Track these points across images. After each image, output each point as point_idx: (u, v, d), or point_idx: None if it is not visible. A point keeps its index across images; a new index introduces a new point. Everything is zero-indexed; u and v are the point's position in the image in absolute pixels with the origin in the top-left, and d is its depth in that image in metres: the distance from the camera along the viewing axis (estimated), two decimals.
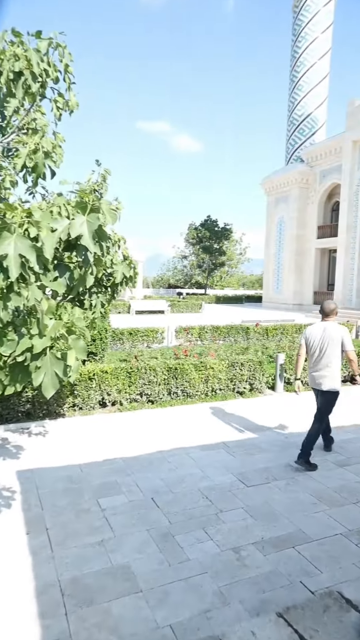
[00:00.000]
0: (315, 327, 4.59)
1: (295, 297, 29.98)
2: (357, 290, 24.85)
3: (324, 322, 4.58)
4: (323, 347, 4.41)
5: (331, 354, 4.38)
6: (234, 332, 12.91)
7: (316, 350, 4.46)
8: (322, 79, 29.51)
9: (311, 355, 4.53)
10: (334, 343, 4.38)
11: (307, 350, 4.56)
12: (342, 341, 4.39)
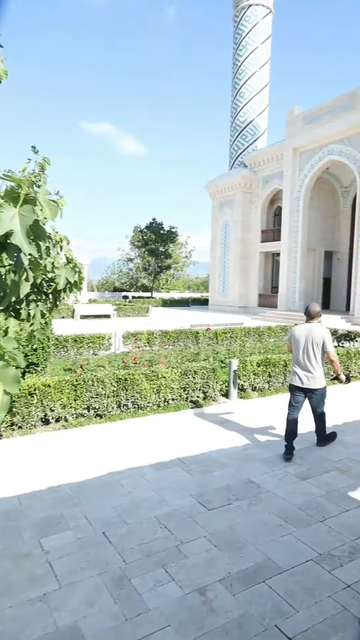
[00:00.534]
0: (300, 327, 4.86)
1: (241, 300, 30.44)
2: (300, 292, 25.63)
3: (308, 324, 4.82)
4: (307, 347, 4.68)
5: (314, 354, 4.66)
6: (184, 336, 12.67)
7: (300, 350, 4.72)
8: (263, 87, 30.30)
9: (295, 355, 4.80)
10: (316, 344, 4.65)
11: (291, 348, 4.90)
12: (323, 343, 4.65)
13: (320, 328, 4.74)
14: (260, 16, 29.68)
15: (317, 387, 4.71)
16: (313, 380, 4.68)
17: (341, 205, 28.02)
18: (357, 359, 8.67)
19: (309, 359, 4.66)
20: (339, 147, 22.60)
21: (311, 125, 23.77)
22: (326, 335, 4.68)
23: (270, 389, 7.61)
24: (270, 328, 14.15)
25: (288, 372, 7.71)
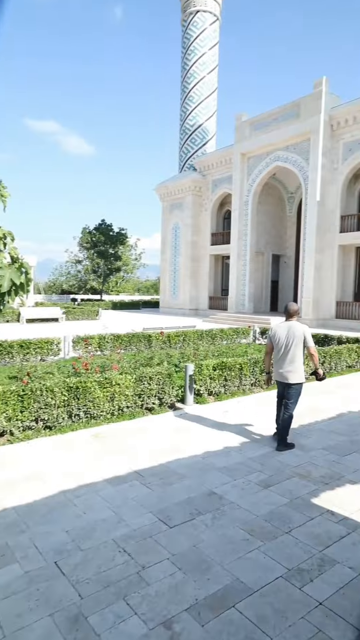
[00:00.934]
0: (280, 326, 5.13)
1: (192, 302, 30.53)
2: (249, 295, 26.09)
3: (288, 322, 5.11)
4: (288, 344, 4.96)
5: (295, 350, 4.95)
6: (136, 340, 12.37)
7: (282, 347, 5.01)
8: (212, 92, 30.65)
9: (277, 352, 5.08)
10: (297, 340, 4.94)
11: (273, 347, 5.13)
12: (304, 338, 4.95)
13: (300, 325, 5.04)
14: (208, 22, 30.03)
15: (297, 381, 4.98)
16: (293, 375, 4.97)
17: (287, 211, 28.91)
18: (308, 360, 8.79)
19: (291, 355, 4.95)
20: (285, 153, 23.28)
21: (259, 131, 24.32)
22: (306, 331, 5.00)
23: (227, 392, 7.52)
24: (223, 330, 14.20)
25: (244, 376, 7.67)
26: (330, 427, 5.88)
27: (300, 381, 5.01)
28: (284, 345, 4.99)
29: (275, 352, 5.12)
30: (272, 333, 5.16)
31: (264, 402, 7.16)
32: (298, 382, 4.99)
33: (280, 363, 5.05)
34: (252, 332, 14.91)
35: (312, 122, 21.33)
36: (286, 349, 4.97)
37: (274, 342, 5.11)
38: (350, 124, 20.73)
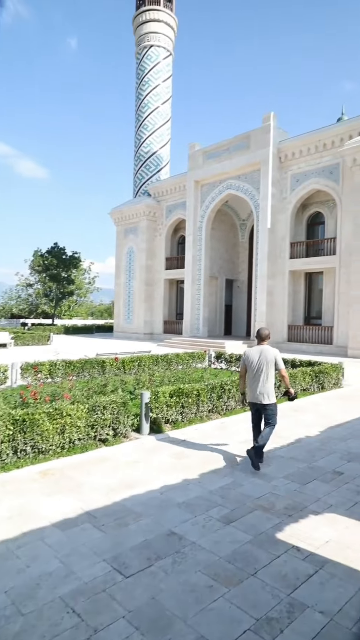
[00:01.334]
0: (253, 349, 5.44)
1: (146, 327, 30.28)
2: (204, 319, 26.25)
3: (260, 346, 5.42)
4: (261, 366, 5.25)
5: (267, 372, 5.25)
6: (89, 366, 11.92)
7: (255, 370, 5.28)
8: (165, 122, 31.42)
9: (251, 374, 5.35)
10: (269, 363, 5.24)
11: (246, 369, 5.41)
12: (275, 361, 5.25)
13: (272, 349, 5.36)
14: (161, 57, 31.04)
15: (271, 402, 5.28)
16: (266, 396, 5.25)
17: (240, 237, 29.72)
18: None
19: (263, 377, 5.24)
20: (236, 182, 24.07)
21: (211, 160, 25.05)
22: (277, 355, 5.32)
23: (184, 420, 7.28)
24: (178, 355, 14.02)
25: (201, 402, 7.48)
26: (290, 453, 5.77)
27: (274, 401, 5.33)
28: (256, 367, 5.27)
29: (249, 374, 5.38)
30: (245, 356, 5.45)
31: (222, 428, 6.99)
32: (272, 402, 5.30)
33: (254, 385, 5.31)
34: (208, 356, 14.85)
35: (262, 154, 22.28)
36: (259, 371, 5.26)
37: (247, 365, 5.39)
38: (297, 157, 21.83)
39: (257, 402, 5.30)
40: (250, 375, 5.36)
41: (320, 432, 6.79)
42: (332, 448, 5.96)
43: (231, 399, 8.08)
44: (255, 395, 5.29)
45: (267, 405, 5.27)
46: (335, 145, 20.36)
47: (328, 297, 21.90)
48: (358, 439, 6.44)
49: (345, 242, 20.13)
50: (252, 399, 5.36)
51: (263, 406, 5.29)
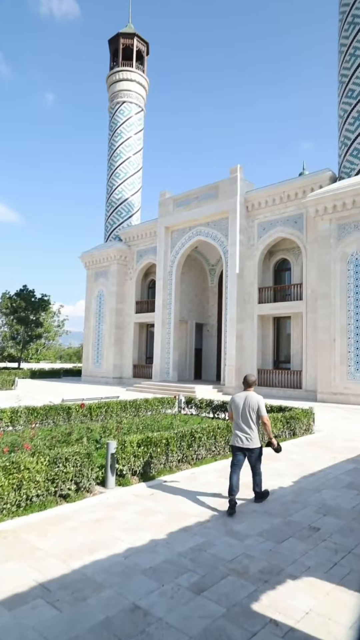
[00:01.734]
0: (239, 395, 5.69)
1: (115, 371, 29.68)
2: (174, 363, 26.00)
3: (246, 392, 5.66)
4: (245, 412, 5.48)
5: (251, 418, 5.46)
6: (54, 413, 11.34)
7: (240, 414, 5.51)
8: (137, 171, 32.46)
9: (236, 418, 5.57)
10: (253, 409, 5.46)
11: (233, 414, 5.62)
12: (258, 408, 5.47)
13: (256, 395, 5.58)
14: (133, 112, 32.54)
15: (254, 446, 5.47)
16: (250, 441, 5.46)
17: (209, 281, 30.21)
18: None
19: (247, 422, 5.46)
20: (206, 229, 24.76)
21: (181, 208, 25.81)
22: (260, 402, 5.52)
23: (152, 471, 6.87)
24: (148, 400, 13.62)
25: (170, 452, 7.13)
26: (264, 506, 5.48)
27: (258, 445, 5.52)
28: (241, 412, 5.51)
29: (235, 418, 5.63)
30: (231, 401, 5.73)
31: (193, 480, 6.63)
32: (257, 447, 5.50)
33: (238, 428, 5.54)
34: (178, 401, 14.50)
35: (230, 203, 23.15)
36: (243, 415, 5.49)
37: (233, 410, 5.66)
38: (263, 207, 22.79)
39: (241, 446, 5.47)
40: (235, 419, 5.60)
41: (294, 483, 6.54)
42: (306, 500, 5.71)
43: (202, 447, 7.76)
44: (240, 439, 5.48)
45: (252, 449, 5.47)
46: (299, 196, 21.43)
47: (296, 341, 22.22)
48: (332, 489, 6.22)
49: (311, 288, 20.73)
50: (236, 442, 5.54)
51: (248, 450, 5.48)
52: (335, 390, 18.63)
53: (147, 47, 33.93)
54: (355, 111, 19.75)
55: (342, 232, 19.08)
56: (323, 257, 19.49)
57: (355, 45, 20.02)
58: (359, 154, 19.53)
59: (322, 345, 19.23)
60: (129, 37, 32.71)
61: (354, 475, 7.00)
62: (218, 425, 8.12)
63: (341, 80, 20.85)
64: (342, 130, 20.58)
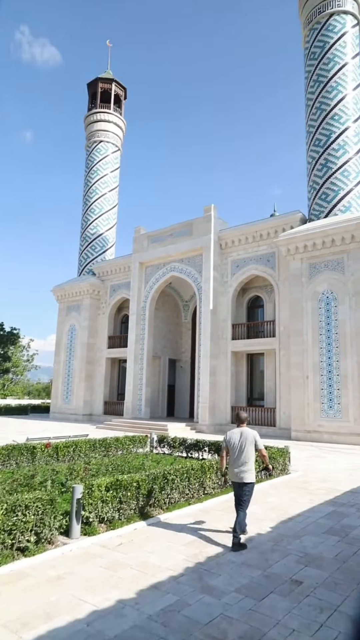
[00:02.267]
0: (234, 431, 5.88)
1: (85, 407, 28.72)
2: (146, 400, 25.40)
3: (240, 428, 5.89)
4: (242, 447, 5.65)
5: (248, 452, 5.66)
6: (17, 453, 10.63)
7: (236, 450, 5.67)
8: (112, 207, 32.82)
9: (232, 454, 5.72)
10: (249, 443, 5.66)
11: (228, 450, 5.79)
12: (255, 441, 5.70)
13: (251, 430, 5.81)
14: (110, 151, 33.29)
15: (250, 480, 5.62)
16: (247, 474, 5.60)
17: (183, 317, 30.19)
18: (210, 472, 8.13)
19: (244, 456, 5.63)
20: (180, 265, 24.95)
21: (156, 244, 26.04)
22: (256, 435, 5.80)
23: (121, 517, 6.36)
24: (118, 439, 13.03)
25: (141, 495, 6.66)
26: (241, 556, 5.08)
27: (253, 480, 5.67)
28: (238, 448, 5.66)
29: (231, 454, 5.76)
30: (227, 438, 5.82)
31: (166, 527, 6.17)
32: (252, 482, 5.64)
33: (235, 464, 5.67)
34: (150, 440, 13.95)
35: (204, 241, 23.53)
36: (240, 451, 5.65)
37: (229, 446, 5.78)
38: (236, 245, 23.26)
39: (240, 481, 5.61)
40: (232, 456, 5.72)
41: (272, 529, 6.18)
42: (286, 548, 5.35)
43: (175, 490, 7.31)
44: (238, 475, 5.63)
45: (248, 484, 5.62)
46: (271, 236, 22.01)
47: (270, 378, 22.17)
48: (312, 535, 5.89)
49: (284, 325, 20.94)
50: (234, 478, 5.69)
51: (244, 484, 5.60)
52: (309, 428, 18.47)
53: (125, 92, 35.21)
54: (323, 159, 20.79)
55: (313, 271, 19.56)
56: (295, 295, 19.82)
57: (320, 100, 21.35)
58: (327, 197, 20.39)
59: (295, 383, 19.21)
60: (107, 82, 33.92)
61: (334, 519, 6.70)
62: (192, 466, 7.72)
63: (309, 131, 22.04)
64: (310, 175, 21.55)
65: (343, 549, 5.36)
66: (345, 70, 21.22)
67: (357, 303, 17.97)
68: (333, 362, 18.28)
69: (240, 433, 5.77)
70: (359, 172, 20.57)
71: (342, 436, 17.44)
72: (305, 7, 23.03)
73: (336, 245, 18.74)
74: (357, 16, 22.24)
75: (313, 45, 22.21)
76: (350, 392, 17.56)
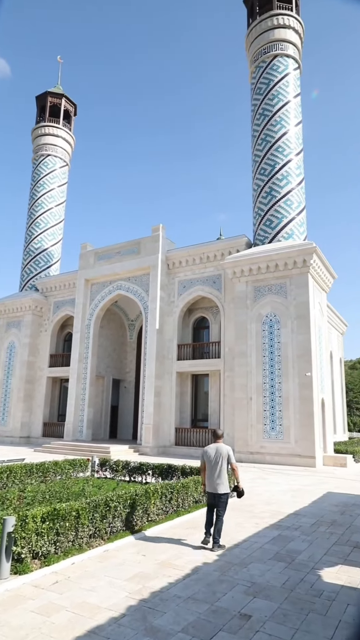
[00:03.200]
0: (210, 446, 6.66)
1: (23, 429, 27.17)
2: (88, 421, 24.51)
3: (216, 443, 6.66)
4: (217, 461, 6.41)
5: (222, 465, 6.41)
6: None
7: (212, 463, 6.44)
8: (58, 222, 32.06)
9: (209, 468, 6.50)
10: (223, 458, 6.44)
11: (206, 464, 6.55)
12: (228, 456, 6.47)
13: (225, 446, 6.59)
14: (57, 166, 32.69)
15: (224, 491, 6.43)
16: (221, 486, 6.40)
17: (128, 336, 29.76)
18: (155, 498, 7.79)
19: (218, 469, 6.40)
20: (126, 284, 24.68)
21: (102, 261, 25.64)
22: (230, 451, 6.55)
23: (58, 551, 5.84)
24: (57, 463, 12.31)
25: (81, 525, 6.19)
26: (187, 590, 4.80)
27: (227, 491, 6.47)
28: (213, 461, 6.45)
29: (208, 468, 6.53)
30: (204, 452, 6.66)
31: (106, 559, 5.74)
32: (225, 492, 6.44)
33: (211, 477, 6.47)
34: (92, 464, 13.32)
35: (151, 260, 23.51)
36: (215, 464, 6.42)
37: (206, 460, 6.57)
38: (183, 265, 23.45)
39: (214, 492, 6.42)
40: (208, 468, 6.52)
41: (218, 557, 5.96)
42: (233, 578, 5.14)
43: (117, 518, 6.89)
44: (213, 486, 6.44)
45: (222, 494, 6.40)
46: (217, 258, 22.44)
47: (214, 399, 22.23)
48: (259, 562, 5.74)
49: (229, 347, 21.20)
50: (210, 489, 6.52)
51: (218, 495, 6.39)
52: (252, 449, 18.61)
53: (75, 109, 34.98)
54: (267, 187, 21.72)
55: (257, 294, 20.09)
56: (240, 317, 20.20)
57: (265, 133, 22.45)
58: (271, 224, 21.24)
59: (239, 404, 19.38)
60: (57, 97, 33.55)
61: (280, 543, 6.62)
62: (136, 492, 7.35)
63: (254, 160, 23.02)
64: (256, 202, 22.39)
65: (290, 576, 5.25)
66: (288, 107, 22.54)
67: (299, 326, 18.62)
68: (276, 383, 18.69)
69: (216, 448, 6.55)
70: (301, 202, 21.71)
71: (284, 457, 17.72)
72: (252, 46, 24.36)
73: (279, 270, 19.44)
74: (298, 61, 23.91)
75: (259, 81, 23.44)
76: (292, 414, 17.98)
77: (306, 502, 10.04)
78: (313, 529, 7.53)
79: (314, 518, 8.39)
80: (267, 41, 23.48)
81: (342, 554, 6.19)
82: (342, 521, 8.19)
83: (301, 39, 24.35)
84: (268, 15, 23.62)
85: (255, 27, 24.11)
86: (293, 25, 23.68)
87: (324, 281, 21.10)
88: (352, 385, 63.48)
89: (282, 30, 23.45)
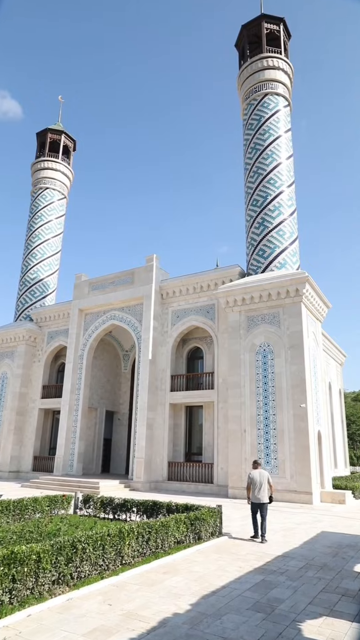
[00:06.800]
0: (254, 472, 10.05)
1: (13, 464, 26.34)
2: (79, 455, 23.74)
3: (257, 470, 10.13)
4: (262, 481, 9.83)
5: (264, 485, 9.83)
6: None
7: (257, 483, 9.81)
8: (55, 253, 32.27)
9: (254, 487, 9.85)
10: (265, 479, 9.89)
11: (250, 485, 9.95)
12: (268, 478, 9.97)
13: (265, 471, 10.09)
14: (56, 198, 33.26)
15: (266, 501, 9.75)
16: (265, 497, 9.76)
17: (122, 367, 29.32)
18: (130, 538, 7.24)
19: (262, 487, 9.79)
20: (120, 314, 24.50)
21: (97, 291, 25.56)
22: (268, 476, 10.07)
23: (13, 601, 5.30)
24: (37, 500, 11.67)
25: (42, 571, 5.66)
26: None
27: (268, 501, 9.76)
28: (258, 482, 9.80)
29: (253, 486, 9.84)
30: (251, 476, 9.96)
31: (67, 610, 5.21)
32: (267, 502, 9.74)
33: (256, 492, 9.77)
34: (74, 500, 12.66)
35: (145, 290, 23.42)
36: (260, 483, 9.79)
37: (252, 482, 9.87)
38: (177, 295, 23.33)
39: (259, 502, 9.68)
40: (253, 487, 9.82)
41: (192, 606, 5.41)
42: (203, 632, 4.62)
43: (85, 562, 6.33)
44: (258, 498, 9.71)
45: (265, 503, 9.72)
46: (211, 288, 22.33)
47: (208, 431, 21.56)
48: (235, 613, 5.20)
49: (223, 377, 20.75)
50: (254, 500, 9.75)
51: (263, 504, 9.69)
52: (245, 484, 17.81)
53: (74, 144, 35.95)
54: (260, 218, 21.89)
55: (251, 323, 19.84)
56: (233, 347, 19.87)
57: (257, 165, 22.85)
58: (264, 254, 21.26)
59: (233, 437, 18.75)
60: (57, 133, 34.53)
61: (261, 590, 6.06)
62: (109, 532, 6.82)
63: (247, 192, 23.33)
64: (249, 233, 22.52)
65: (267, 629, 4.72)
66: (279, 142, 23.05)
67: (293, 356, 18.25)
68: (270, 415, 18.14)
69: (259, 473, 9.97)
70: (293, 232, 21.81)
71: (279, 493, 16.88)
72: (244, 85, 25.21)
73: (272, 299, 19.26)
74: (287, 98, 24.68)
75: (250, 117, 24.09)
76: (287, 447, 17.33)
77: (297, 542, 9.41)
78: (300, 574, 6.95)
79: (303, 561, 7.79)
80: (257, 81, 24.31)
81: (329, 603, 5.64)
82: (333, 564, 7.60)
83: (290, 80, 25.23)
84: (258, 57, 24.57)
85: (246, 67, 25.03)
86: (282, 66, 24.59)
87: (317, 310, 20.89)
88: (355, 417, 61.97)
89: (272, 71, 24.33)
